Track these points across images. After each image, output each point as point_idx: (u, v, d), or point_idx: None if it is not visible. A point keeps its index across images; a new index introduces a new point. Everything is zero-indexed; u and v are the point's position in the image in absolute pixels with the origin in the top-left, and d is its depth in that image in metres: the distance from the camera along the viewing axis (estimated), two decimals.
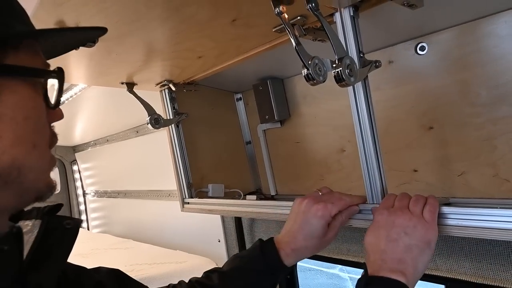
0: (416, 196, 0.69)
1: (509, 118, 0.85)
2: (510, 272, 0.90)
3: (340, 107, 1.17)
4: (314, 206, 0.78)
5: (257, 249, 0.81)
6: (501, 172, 0.88)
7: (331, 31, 0.65)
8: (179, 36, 0.79)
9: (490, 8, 0.83)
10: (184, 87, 1.24)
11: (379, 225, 0.67)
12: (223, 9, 0.68)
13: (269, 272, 0.78)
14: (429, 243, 0.63)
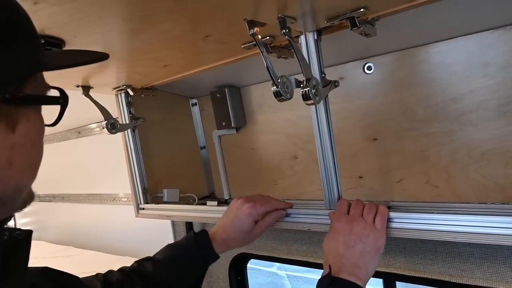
0: (369, 205, 0.79)
1: (439, 133, 1.00)
2: (437, 265, 1.04)
3: (294, 116, 1.26)
4: (245, 204, 0.92)
5: (191, 239, 0.92)
6: (432, 179, 1.03)
7: (300, 55, 0.72)
8: (149, 47, 0.80)
9: (426, 38, 0.97)
10: (142, 92, 1.24)
11: (337, 231, 0.76)
12: (199, 26, 0.71)
13: (202, 259, 0.90)
14: (379, 249, 0.74)
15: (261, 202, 0.94)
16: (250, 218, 0.92)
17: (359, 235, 0.74)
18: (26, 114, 0.44)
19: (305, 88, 0.71)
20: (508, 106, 0.89)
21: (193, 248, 0.90)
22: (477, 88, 0.92)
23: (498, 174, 0.94)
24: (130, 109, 1.26)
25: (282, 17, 0.65)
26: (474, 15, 0.85)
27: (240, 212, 0.93)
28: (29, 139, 0.45)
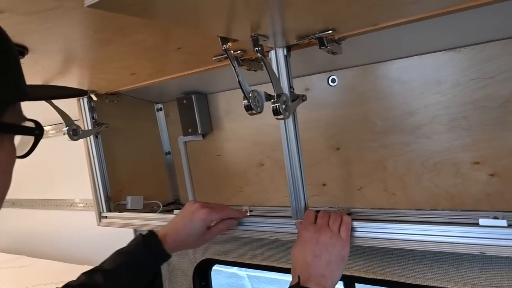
0: (334, 215, 0.83)
1: (396, 144, 1.07)
2: (393, 267, 1.11)
3: (261, 125, 1.28)
4: (201, 210, 0.95)
5: (140, 243, 0.92)
6: (390, 187, 1.10)
7: (271, 71, 0.74)
8: (119, 56, 0.79)
9: (386, 56, 1.03)
10: (107, 98, 1.21)
11: (305, 240, 0.79)
12: (172, 39, 0.71)
13: (153, 262, 0.91)
14: (344, 258, 0.79)
15: (216, 209, 0.97)
16: (204, 223, 0.94)
17: (326, 245, 0.77)
18: (1, 142, 0.43)
19: (276, 103, 0.74)
20: (458, 121, 0.97)
21: (143, 252, 0.90)
22: (430, 104, 1.00)
23: (448, 183, 1.02)
24: (93, 114, 1.22)
25: (255, 36, 0.67)
26: (429, 37, 0.92)
27: (195, 216, 0.94)
28: (0, 167, 0.43)
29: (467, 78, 0.95)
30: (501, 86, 0.91)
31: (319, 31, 0.72)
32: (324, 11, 0.62)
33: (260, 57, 0.71)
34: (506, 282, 0.96)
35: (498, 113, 0.92)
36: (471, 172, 0.98)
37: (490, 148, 0.95)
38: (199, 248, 1.53)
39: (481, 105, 0.94)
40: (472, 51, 0.93)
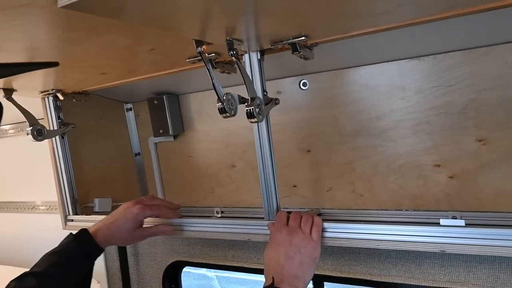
0: (306, 216, 0.85)
1: (364, 147, 1.11)
2: (360, 265, 1.16)
3: (233, 126, 1.29)
4: (134, 206, 0.98)
5: (71, 240, 0.93)
6: (357, 189, 1.14)
7: (246, 75, 0.75)
8: (90, 56, 0.77)
9: (355, 62, 1.07)
10: (74, 97, 1.17)
11: (278, 242, 0.81)
12: (146, 40, 0.71)
13: (86, 256, 0.92)
14: (315, 259, 0.81)
15: (150, 207, 1.00)
16: (136, 218, 0.97)
17: (298, 247, 0.80)
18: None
19: (250, 107, 0.75)
20: (421, 126, 1.03)
21: (75, 247, 0.91)
22: (396, 109, 1.05)
23: (411, 185, 1.07)
24: (59, 114, 1.18)
25: (230, 40, 0.68)
26: (395, 45, 0.96)
27: (127, 212, 0.97)
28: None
29: (429, 85, 1.00)
30: (460, 94, 0.97)
31: (293, 37, 0.74)
32: (298, 19, 0.64)
33: (235, 60, 0.72)
34: (463, 277, 1.03)
35: (457, 119, 0.98)
36: (432, 174, 1.04)
37: (449, 151, 1.01)
38: (169, 250, 1.53)
39: (442, 111, 1.00)
40: (434, 60, 0.99)
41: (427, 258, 1.08)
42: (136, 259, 1.63)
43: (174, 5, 0.50)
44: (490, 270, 1.00)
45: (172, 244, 1.54)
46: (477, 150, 0.98)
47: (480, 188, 0.99)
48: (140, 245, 1.61)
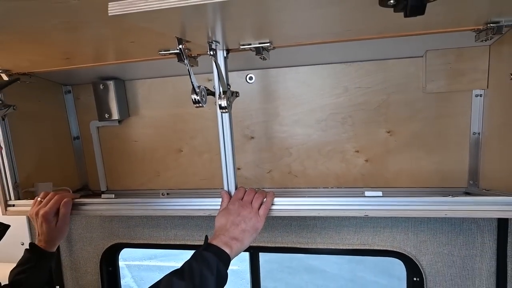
0: (259, 194, 1.02)
1: (300, 135, 1.32)
2: (291, 236, 1.38)
3: (182, 113, 1.39)
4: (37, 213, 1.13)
5: (29, 251, 1.13)
6: (293, 171, 1.36)
7: (220, 71, 0.88)
8: (70, 43, 0.80)
9: (296, 62, 1.26)
10: (19, 78, 1.13)
11: (229, 212, 0.97)
12: (130, 34, 0.78)
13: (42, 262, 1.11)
14: (257, 230, 0.98)
15: (44, 203, 1.14)
16: (46, 219, 1.12)
17: (244, 217, 0.96)
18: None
19: (223, 99, 0.88)
20: (346, 119, 1.28)
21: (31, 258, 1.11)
22: (327, 104, 1.28)
23: (336, 167, 1.32)
24: (0, 95, 1.13)
25: (211, 41, 0.80)
26: (330, 52, 1.18)
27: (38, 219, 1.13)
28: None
29: (353, 86, 1.25)
30: (375, 94, 1.24)
31: (259, 42, 0.89)
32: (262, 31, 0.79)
33: (213, 58, 0.84)
34: (371, 239, 1.32)
35: (373, 115, 1.25)
36: (352, 158, 1.30)
37: (366, 140, 1.28)
38: (107, 234, 1.57)
39: (362, 107, 1.26)
40: (358, 66, 1.24)
41: (345, 226, 1.35)
42: (69, 244, 1.62)
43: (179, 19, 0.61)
44: (389, 233, 1.31)
45: (111, 228, 1.57)
46: (385, 140, 1.27)
47: (387, 169, 1.29)
48: (74, 230, 1.60)
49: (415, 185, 1.26)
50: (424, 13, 0.48)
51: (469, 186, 1.22)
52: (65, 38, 0.76)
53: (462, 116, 1.19)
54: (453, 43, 1.10)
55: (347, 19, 0.71)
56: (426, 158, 1.24)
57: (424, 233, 1.30)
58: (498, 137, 1.11)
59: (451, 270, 1.30)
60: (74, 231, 1.61)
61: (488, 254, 1.25)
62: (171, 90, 1.37)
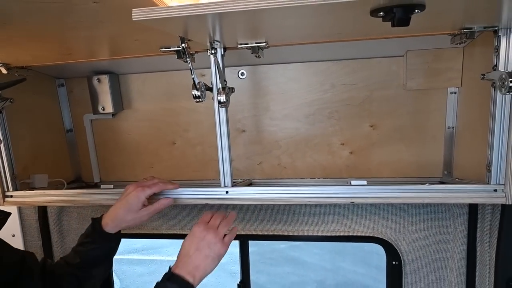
0: (225, 222, 1.05)
1: (289, 129, 1.41)
2: (280, 224, 1.47)
3: (175, 107, 1.44)
4: (135, 189, 1.07)
5: (90, 226, 1.11)
6: (282, 162, 1.44)
7: (219, 67, 0.94)
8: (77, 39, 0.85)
9: (285, 59, 1.34)
10: (17, 71, 1.16)
11: (195, 235, 0.99)
12: (136, 33, 0.83)
13: (99, 240, 1.07)
14: (220, 257, 0.99)
15: (149, 186, 1.09)
16: (138, 200, 1.05)
17: (209, 243, 0.95)
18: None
19: (222, 95, 0.95)
20: (332, 114, 1.37)
21: (91, 233, 1.08)
22: (315, 99, 1.36)
23: (322, 159, 1.42)
24: None
25: (213, 41, 0.87)
26: (319, 50, 1.26)
27: (129, 196, 1.06)
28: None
29: (340, 82, 1.34)
30: (360, 91, 1.34)
31: (256, 42, 0.96)
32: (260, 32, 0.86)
33: (214, 57, 0.91)
34: (354, 226, 1.43)
35: (357, 110, 1.35)
36: (338, 151, 1.40)
37: (351, 134, 1.38)
38: None
39: (347, 103, 1.35)
40: (344, 64, 1.33)
41: (329, 215, 1.45)
42: (60, 236, 1.65)
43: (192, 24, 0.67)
44: (371, 220, 1.42)
45: None
46: (369, 133, 1.36)
47: (369, 161, 1.39)
48: (66, 222, 1.64)
49: (395, 175, 1.37)
50: (409, 25, 0.56)
51: (444, 176, 1.34)
52: (74, 36, 0.81)
53: (438, 111, 1.30)
54: (431, 44, 1.21)
55: (339, 25, 0.79)
56: (406, 150, 1.35)
57: (402, 220, 1.41)
58: (470, 131, 1.22)
59: (426, 254, 1.42)
60: (65, 223, 1.65)
61: (460, 238, 1.38)
62: (164, 85, 1.43)
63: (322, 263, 5.72)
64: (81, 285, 1.06)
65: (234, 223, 1.49)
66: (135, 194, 1.05)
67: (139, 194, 1.05)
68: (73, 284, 1.05)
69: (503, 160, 1.01)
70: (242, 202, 1.15)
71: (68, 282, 1.04)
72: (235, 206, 1.47)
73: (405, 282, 1.46)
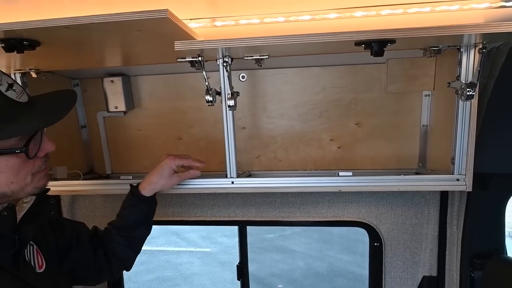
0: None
1: (284, 126, 1.61)
2: (275, 211, 1.68)
3: (181, 106, 1.63)
4: (167, 157, 1.30)
5: (129, 193, 1.31)
6: (278, 156, 1.65)
7: (229, 77, 1.13)
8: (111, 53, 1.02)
9: (282, 65, 1.53)
10: (44, 75, 1.32)
11: None
12: (161, 46, 1.01)
13: (138, 202, 1.28)
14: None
15: (179, 156, 1.31)
16: (169, 166, 1.28)
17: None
18: None
19: (231, 99, 1.14)
20: (323, 113, 1.57)
21: (130, 198, 1.30)
22: (308, 100, 1.57)
23: (314, 153, 1.63)
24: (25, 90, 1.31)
25: (225, 55, 1.06)
26: (310, 58, 1.46)
27: (162, 163, 1.29)
28: None
29: (329, 86, 1.55)
30: (347, 93, 1.55)
31: (259, 55, 1.16)
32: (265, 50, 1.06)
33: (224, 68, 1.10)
34: (341, 212, 1.65)
35: (345, 110, 1.56)
36: (327, 146, 1.61)
37: (339, 130, 1.59)
38: (111, 212, 1.80)
39: (336, 104, 1.56)
40: (333, 69, 1.53)
41: (320, 202, 1.67)
42: (71, 210, 1.82)
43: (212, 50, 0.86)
44: (356, 207, 1.64)
45: (113, 207, 1.80)
46: (354, 130, 1.58)
47: (355, 154, 1.61)
48: (78, 210, 1.82)
49: (377, 167, 1.59)
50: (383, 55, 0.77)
51: (419, 168, 1.57)
52: (110, 51, 0.99)
53: (414, 111, 1.52)
54: (409, 54, 1.42)
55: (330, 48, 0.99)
56: (386, 145, 1.57)
57: (383, 206, 1.64)
58: (440, 128, 1.45)
59: (404, 236, 1.66)
60: (77, 211, 1.83)
61: (433, 222, 1.62)
62: (172, 85, 1.61)
63: (310, 252, 6.00)
64: (128, 244, 1.29)
65: (234, 210, 1.73)
66: (167, 162, 1.28)
67: (170, 162, 1.28)
68: (121, 243, 1.27)
69: (464, 154, 1.23)
70: (245, 191, 1.35)
71: (116, 243, 1.27)
72: (237, 194, 1.68)
73: (385, 261, 1.70)
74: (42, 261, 1.03)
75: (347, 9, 0.99)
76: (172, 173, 1.28)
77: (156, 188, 1.29)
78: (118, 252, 1.28)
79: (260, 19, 1.06)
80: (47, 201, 1.02)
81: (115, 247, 1.28)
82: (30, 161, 0.91)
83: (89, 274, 1.26)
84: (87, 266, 1.24)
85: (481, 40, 1.06)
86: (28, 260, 0.98)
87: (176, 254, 6.35)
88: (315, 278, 5.33)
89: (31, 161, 0.91)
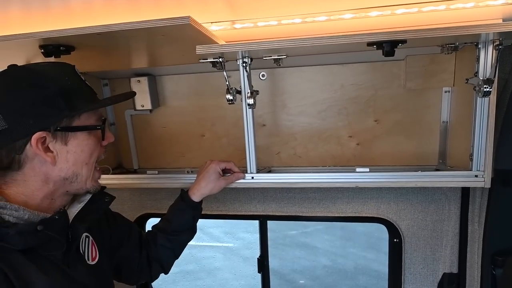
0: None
1: (304, 123, 1.66)
2: (295, 206, 1.73)
3: (204, 104, 1.70)
4: (211, 162, 1.38)
5: (179, 197, 1.38)
6: (297, 152, 1.70)
7: (249, 77, 1.19)
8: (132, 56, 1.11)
9: (300, 63, 1.58)
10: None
11: None
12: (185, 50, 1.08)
13: (186, 207, 1.35)
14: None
15: (222, 161, 1.39)
16: (214, 170, 1.35)
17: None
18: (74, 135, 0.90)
19: (251, 98, 1.20)
20: (342, 110, 1.61)
21: (180, 202, 1.37)
22: (327, 98, 1.61)
23: (332, 149, 1.67)
24: None
25: (246, 56, 1.12)
26: (329, 56, 1.50)
27: (208, 167, 1.37)
28: (78, 148, 0.91)
29: (348, 83, 1.58)
30: (365, 91, 1.57)
31: (277, 55, 1.21)
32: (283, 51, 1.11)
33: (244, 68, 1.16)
34: (360, 208, 1.69)
35: (363, 107, 1.59)
36: (346, 142, 1.65)
37: (358, 127, 1.62)
38: (137, 205, 1.90)
39: (355, 101, 1.59)
40: (352, 67, 1.56)
41: (339, 198, 1.71)
42: None
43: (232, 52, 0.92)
44: (375, 203, 1.67)
45: (140, 201, 1.91)
46: (373, 127, 1.61)
47: (373, 151, 1.64)
48: None
49: (396, 164, 1.62)
50: (394, 55, 0.81)
51: (439, 164, 1.58)
52: (139, 54, 1.07)
53: (434, 108, 1.53)
54: (428, 50, 1.43)
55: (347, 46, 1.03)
56: (405, 142, 1.59)
57: (403, 202, 1.66)
58: (460, 125, 1.46)
59: (424, 232, 1.68)
60: None
61: (453, 218, 1.63)
62: (194, 85, 1.68)
63: (332, 249, 6.01)
64: (172, 248, 1.36)
65: (255, 205, 1.79)
66: (212, 166, 1.36)
67: (216, 166, 1.36)
68: (166, 246, 1.34)
69: (483, 151, 1.24)
70: (265, 186, 1.41)
71: (161, 245, 1.34)
72: (257, 189, 1.74)
73: (405, 257, 1.72)
74: (96, 253, 1.08)
75: (362, 9, 1.03)
76: (218, 177, 1.36)
77: (205, 193, 1.36)
78: (160, 255, 1.35)
79: (278, 20, 1.11)
80: (102, 198, 1.07)
81: (159, 249, 1.34)
82: (99, 146, 0.99)
83: (132, 273, 1.32)
84: (131, 264, 1.30)
85: (497, 37, 1.07)
86: (82, 253, 1.03)
87: (199, 249, 6.51)
88: (337, 275, 5.35)
89: (99, 146, 0.99)
